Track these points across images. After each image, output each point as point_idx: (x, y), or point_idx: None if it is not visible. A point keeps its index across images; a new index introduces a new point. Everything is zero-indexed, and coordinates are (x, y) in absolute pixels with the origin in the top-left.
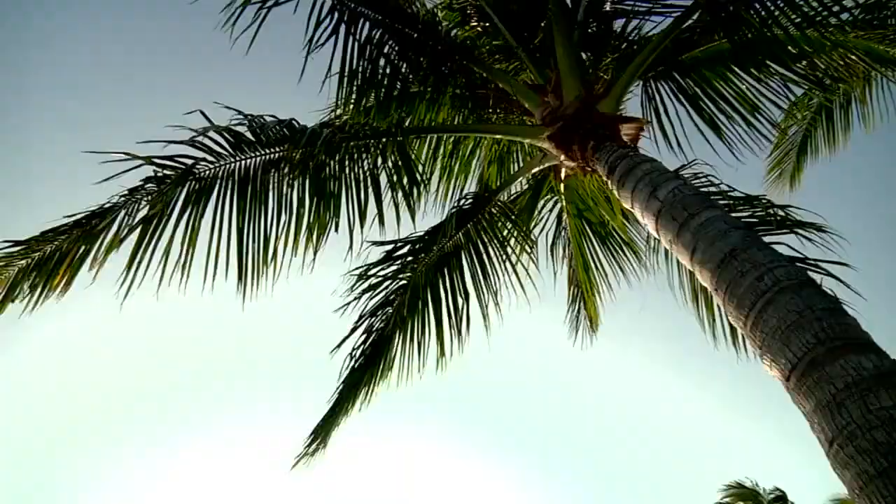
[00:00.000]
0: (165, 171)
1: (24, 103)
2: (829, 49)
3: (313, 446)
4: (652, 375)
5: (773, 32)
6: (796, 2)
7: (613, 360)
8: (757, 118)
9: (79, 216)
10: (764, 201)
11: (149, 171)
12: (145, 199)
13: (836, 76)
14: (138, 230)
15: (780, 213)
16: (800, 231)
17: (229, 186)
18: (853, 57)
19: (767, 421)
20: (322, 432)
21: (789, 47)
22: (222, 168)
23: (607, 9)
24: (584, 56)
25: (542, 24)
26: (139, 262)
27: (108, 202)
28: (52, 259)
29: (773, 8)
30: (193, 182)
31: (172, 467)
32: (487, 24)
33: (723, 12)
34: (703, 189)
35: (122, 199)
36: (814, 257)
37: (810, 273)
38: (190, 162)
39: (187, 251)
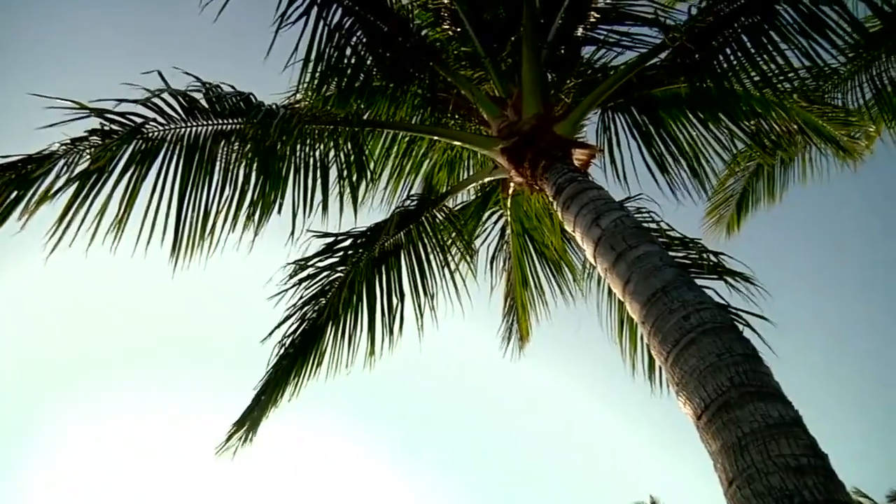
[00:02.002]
0: (113, 127)
1: None
2: (776, 114)
3: (238, 434)
4: (579, 396)
5: (732, 86)
6: (757, 60)
7: (543, 377)
8: (702, 165)
9: (13, 158)
10: (699, 245)
11: (95, 124)
12: (88, 151)
13: (777, 141)
14: (76, 183)
15: (714, 259)
16: (728, 279)
17: (176, 151)
18: (794, 126)
19: (684, 453)
20: (248, 421)
21: (742, 105)
22: (172, 132)
23: (578, 34)
24: (548, 76)
25: (513, 39)
26: (73, 217)
27: (48, 149)
28: None
29: (735, 62)
30: (140, 141)
31: (88, 441)
32: (459, 30)
33: (688, 57)
34: (644, 224)
35: (64, 148)
36: (738, 306)
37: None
38: (140, 121)
39: (125, 211)
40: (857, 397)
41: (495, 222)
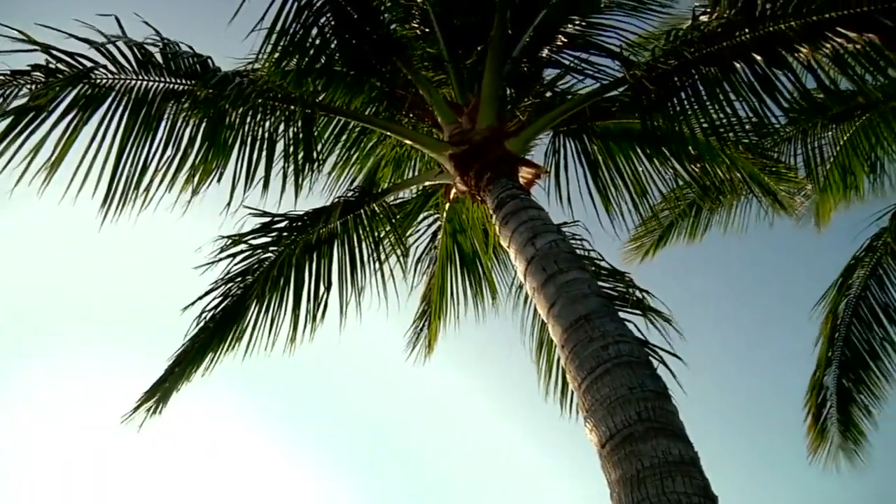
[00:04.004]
0: (59, 66)
1: None
2: (721, 161)
3: (147, 405)
4: (490, 409)
5: (682, 130)
6: (708, 108)
7: (457, 384)
8: (644, 200)
9: None
10: (627, 279)
11: (41, 60)
12: (28, 86)
13: (720, 187)
14: (11, 118)
15: (639, 294)
16: (650, 316)
17: (123, 103)
18: (738, 174)
19: (582, 479)
20: (158, 392)
21: (690, 148)
22: (121, 82)
23: (543, 54)
24: (507, 91)
25: (479, 48)
26: (2, 152)
27: None
28: None
29: (688, 107)
30: (86, 86)
31: None
32: (427, 30)
33: (644, 96)
34: (577, 250)
35: (2, 78)
36: (656, 343)
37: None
38: (89, 65)
39: (59, 155)
40: (757, 439)
41: (429, 225)
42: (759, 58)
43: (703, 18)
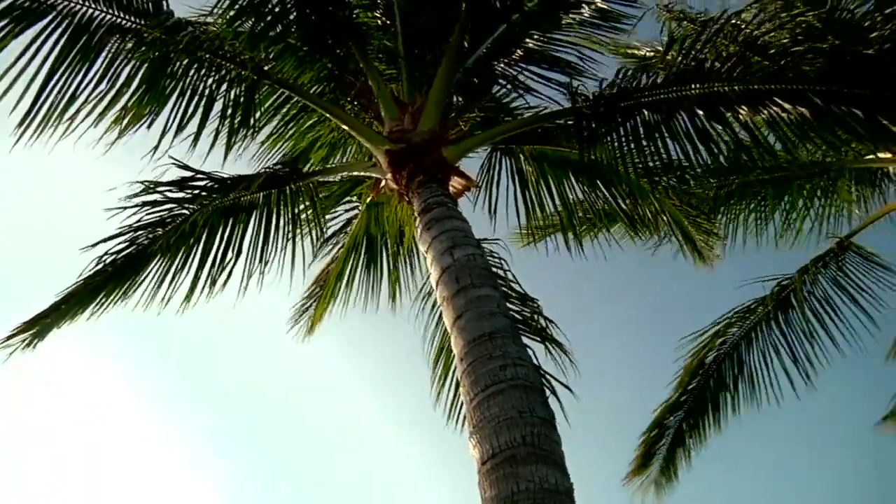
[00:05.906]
0: None
1: None
2: (650, 203)
3: (23, 336)
4: (374, 404)
5: (617, 166)
6: (644, 151)
7: (347, 375)
8: (571, 224)
9: None
10: (535, 305)
11: None
12: None
13: (646, 225)
14: None
15: (543, 323)
16: (549, 346)
17: (62, 25)
18: (664, 218)
19: (455, 491)
20: (38, 326)
21: (623, 185)
22: (64, 5)
23: (497, 70)
24: (455, 99)
25: (435, 51)
26: None
27: None
28: None
29: (625, 145)
30: None
31: None
32: (388, 23)
33: (586, 128)
34: (493, 268)
35: None
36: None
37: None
38: None
39: None
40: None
41: (347, 210)
42: (700, 111)
43: (653, 61)
